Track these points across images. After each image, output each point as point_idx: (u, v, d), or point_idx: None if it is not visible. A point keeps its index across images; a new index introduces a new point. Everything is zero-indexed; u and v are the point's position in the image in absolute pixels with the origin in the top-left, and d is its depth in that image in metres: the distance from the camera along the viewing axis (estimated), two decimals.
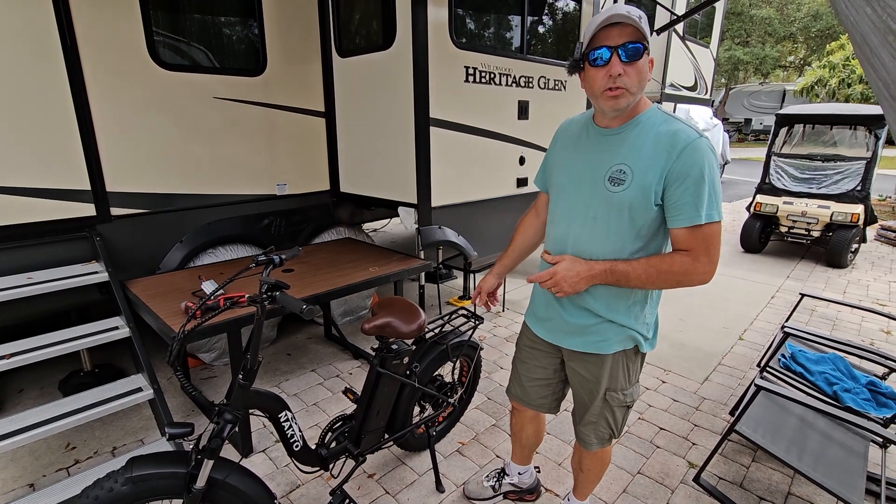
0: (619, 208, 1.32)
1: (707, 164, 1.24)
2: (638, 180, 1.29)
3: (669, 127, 1.28)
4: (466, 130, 3.26)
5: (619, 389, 1.50)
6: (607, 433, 1.58)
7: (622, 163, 1.31)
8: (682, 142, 1.24)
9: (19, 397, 2.75)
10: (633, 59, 1.21)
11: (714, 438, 2.44)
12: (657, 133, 1.28)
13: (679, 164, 1.24)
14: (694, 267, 1.28)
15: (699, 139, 1.25)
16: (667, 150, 1.25)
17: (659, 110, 1.35)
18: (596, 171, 1.36)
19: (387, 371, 1.83)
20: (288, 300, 1.26)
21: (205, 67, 2.92)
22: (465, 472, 2.20)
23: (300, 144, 3.45)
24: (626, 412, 1.57)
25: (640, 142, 1.30)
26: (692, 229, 1.26)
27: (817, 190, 5.58)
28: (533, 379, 1.69)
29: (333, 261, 2.99)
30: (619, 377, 1.49)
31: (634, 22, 1.19)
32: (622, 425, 1.58)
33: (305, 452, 1.70)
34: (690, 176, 1.23)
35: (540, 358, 1.65)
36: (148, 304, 2.23)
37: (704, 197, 1.24)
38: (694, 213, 1.25)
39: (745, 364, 3.22)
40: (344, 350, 3.34)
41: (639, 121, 1.32)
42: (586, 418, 1.58)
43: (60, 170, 2.44)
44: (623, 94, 1.24)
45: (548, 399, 1.71)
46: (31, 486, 2.09)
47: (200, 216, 3.02)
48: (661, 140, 1.27)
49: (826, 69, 14.54)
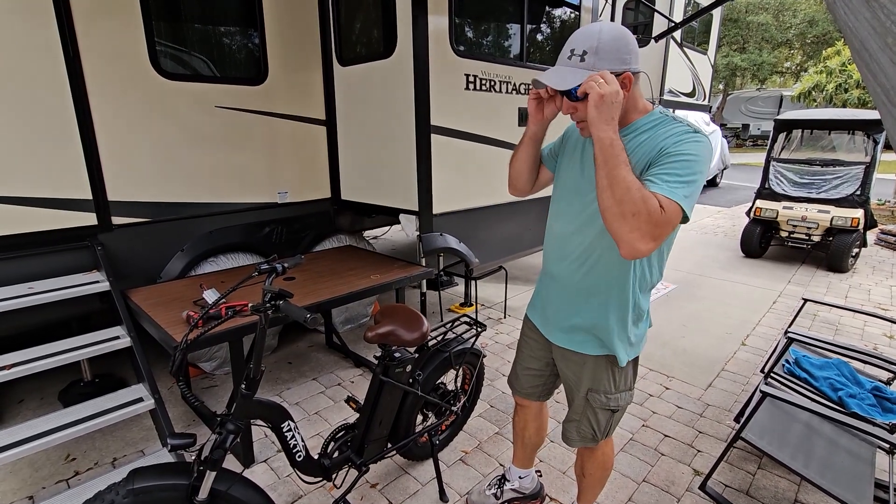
0: None
1: (694, 154, 1.15)
2: None
3: (664, 128, 1.24)
4: (467, 138, 3.27)
5: (603, 392, 1.49)
6: (590, 433, 1.56)
7: None
8: (675, 136, 1.19)
9: (19, 408, 2.73)
10: (578, 99, 1.23)
11: (719, 445, 2.42)
12: (654, 136, 1.24)
13: (664, 144, 1.18)
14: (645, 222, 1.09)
15: (693, 133, 1.20)
16: (658, 148, 1.20)
17: (661, 113, 1.30)
18: (592, 181, 1.32)
19: (389, 379, 1.82)
20: (292, 309, 1.25)
21: (206, 76, 2.93)
22: (469, 481, 2.18)
23: (301, 152, 3.45)
24: (611, 416, 1.54)
25: (635, 147, 1.27)
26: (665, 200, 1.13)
27: (817, 194, 5.58)
28: (526, 368, 1.73)
29: (335, 268, 2.99)
30: (603, 380, 1.48)
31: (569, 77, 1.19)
32: (606, 428, 1.56)
33: (308, 462, 1.69)
34: (671, 154, 1.16)
35: (535, 349, 1.68)
36: (149, 314, 2.22)
37: (675, 174, 1.13)
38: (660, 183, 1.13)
39: (748, 370, 3.20)
40: (346, 358, 3.33)
41: (636, 126, 1.29)
42: (569, 415, 1.61)
43: (62, 179, 2.44)
44: (584, 126, 1.28)
45: (537, 389, 1.75)
46: (31, 498, 2.07)
47: (202, 225, 3.02)
48: (656, 142, 1.22)
49: (823, 74, 14.64)
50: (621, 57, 1.20)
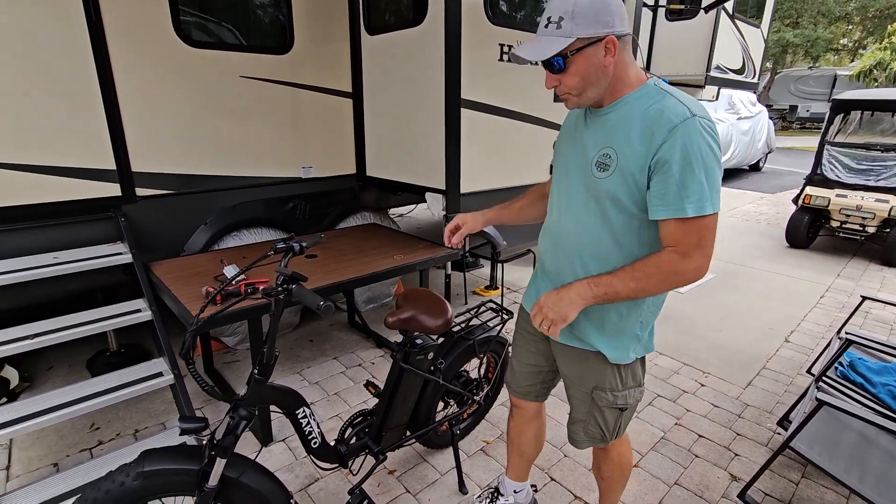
0: (605, 198, 1.20)
1: (697, 148, 1.07)
2: (622, 166, 1.15)
3: (658, 105, 1.12)
4: (500, 113, 3.10)
5: (609, 390, 1.36)
6: (598, 434, 1.44)
7: (609, 146, 1.19)
8: (668, 123, 1.08)
9: (49, 374, 2.79)
10: (560, 70, 1.15)
11: (759, 449, 2.27)
12: (645, 113, 1.13)
13: (664, 150, 1.08)
14: (684, 265, 1.12)
15: (690, 119, 1.08)
16: (651, 134, 1.10)
17: (655, 86, 1.18)
18: (586, 155, 1.24)
19: (410, 367, 1.74)
20: (305, 295, 1.16)
21: (231, 45, 2.83)
22: (490, 473, 2.10)
23: (327, 126, 3.35)
24: (620, 415, 1.41)
25: (628, 123, 1.16)
26: (680, 223, 1.10)
27: (875, 182, 5.17)
28: (524, 364, 1.61)
29: (358, 247, 2.91)
30: (608, 376, 1.35)
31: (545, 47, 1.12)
32: (616, 428, 1.43)
33: (324, 449, 1.63)
34: (675, 161, 1.07)
35: (532, 343, 1.56)
36: (169, 288, 2.19)
37: (694, 185, 1.07)
38: (678, 205, 1.08)
39: (792, 369, 3.00)
40: (367, 338, 3.28)
41: (627, 100, 1.18)
42: (574, 415, 1.48)
43: (86, 148, 2.41)
44: (568, 97, 1.21)
45: (535, 388, 1.63)
46: (55, 465, 2.10)
47: (225, 198, 2.97)
48: (647, 121, 1.12)
49: (887, 51, 13.55)
50: (601, 19, 1.10)
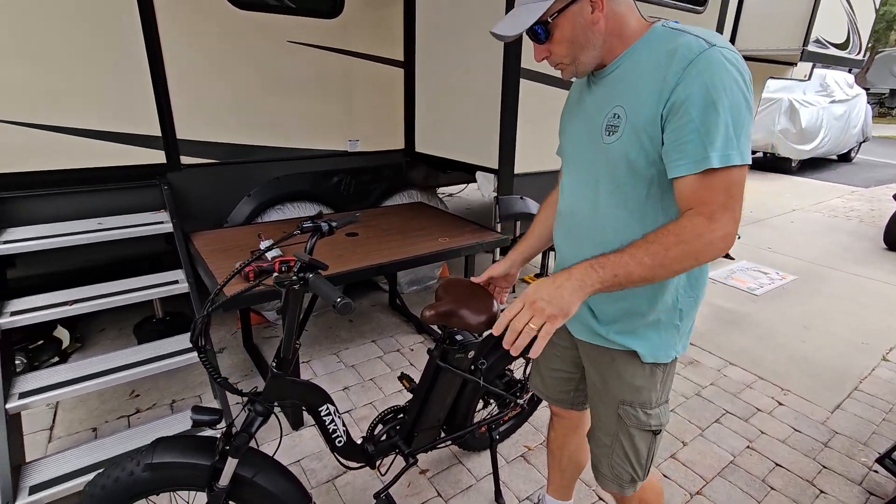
0: (620, 164, 0.99)
1: (720, 82, 0.85)
2: (632, 122, 0.95)
3: (671, 45, 0.92)
4: (562, 85, 2.79)
5: (639, 405, 1.11)
6: (627, 472, 1.17)
7: (617, 104, 0.99)
8: (682, 60, 0.88)
9: (99, 336, 2.86)
10: (546, 39, 1.00)
11: (850, 489, 1.93)
12: (656, 57, 0.94)
13: (678, 91, 0.88)
14: (710, 228, 0.88)
15: (708, 50, 0.87)
16: (662, 78, 0.91)
17: (664, 27, 0.98)
18: (594, 123, 1.05)
19: (448, 366, 1.56)
20: (321, 287, 0.98)
21: (278, 7, 2.69)
22: (530, 483, 1.91)
23: (376, 97, 3.17)
24: (652, 440, 1.15)
25: (637, 73, 0.97)
26: (702, 177, 0.88)
27: None
28: (552, 369, 1.39)
29: (402, 226, 2.74)
30: (639, 387, 1.10)
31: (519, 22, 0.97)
32: (648, 460, 1.17)
33: (349, 448, 1.49)
34: (694, 102, 0.86)
35: (558, 346, 1.34)
36: (206, 260, 2.12)
37: (718, 129, 0.86)
38: (702, 153, 0.87)
39: (891, 393, 2.58)
40: (408, 322, 3.14)
41: (632, 50, 0.99)
42: (598, 436, 1.22)
43: (132, 113, 2.37)
44: (562, 67, 1.06)
45: (570, 394, 1.41)
46: (94, 430, 2.11)
47: (269, 170, 2.88)
48: (657, 66, 0.93)
49: None
50: None
